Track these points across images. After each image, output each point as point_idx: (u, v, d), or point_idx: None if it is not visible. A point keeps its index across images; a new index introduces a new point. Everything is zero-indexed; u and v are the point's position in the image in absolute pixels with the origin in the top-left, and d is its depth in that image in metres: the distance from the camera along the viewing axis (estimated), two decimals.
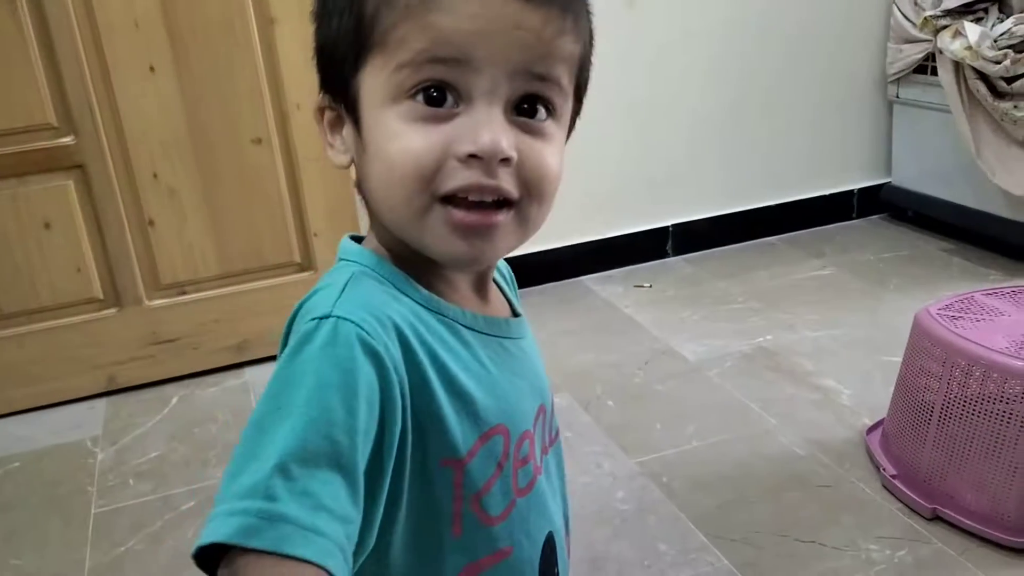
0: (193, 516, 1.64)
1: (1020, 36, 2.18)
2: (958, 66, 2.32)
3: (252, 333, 2.18)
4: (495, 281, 0.67)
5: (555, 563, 0.66)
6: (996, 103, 2.28)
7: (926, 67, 2.51)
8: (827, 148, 2.79)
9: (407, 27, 0.51)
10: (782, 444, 1.73)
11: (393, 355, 0.51)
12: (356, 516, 0.48)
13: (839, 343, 2.11)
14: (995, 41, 2.22)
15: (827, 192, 2.82)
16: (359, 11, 0.53)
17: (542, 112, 0.55)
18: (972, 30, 2.25)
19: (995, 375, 1.44)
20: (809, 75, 2.68)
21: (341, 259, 0.60)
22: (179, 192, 2.05)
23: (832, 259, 2.60)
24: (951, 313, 1.59)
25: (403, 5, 0.51)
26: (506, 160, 0.52)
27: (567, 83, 0.56)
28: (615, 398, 1.95)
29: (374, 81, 0.53)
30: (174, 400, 2.09)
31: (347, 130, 0.58)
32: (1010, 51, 2.20)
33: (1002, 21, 2.25)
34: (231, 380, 2.16)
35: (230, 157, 2.06)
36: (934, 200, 2.66)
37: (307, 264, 2.19)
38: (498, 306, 0.66)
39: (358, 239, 0.62)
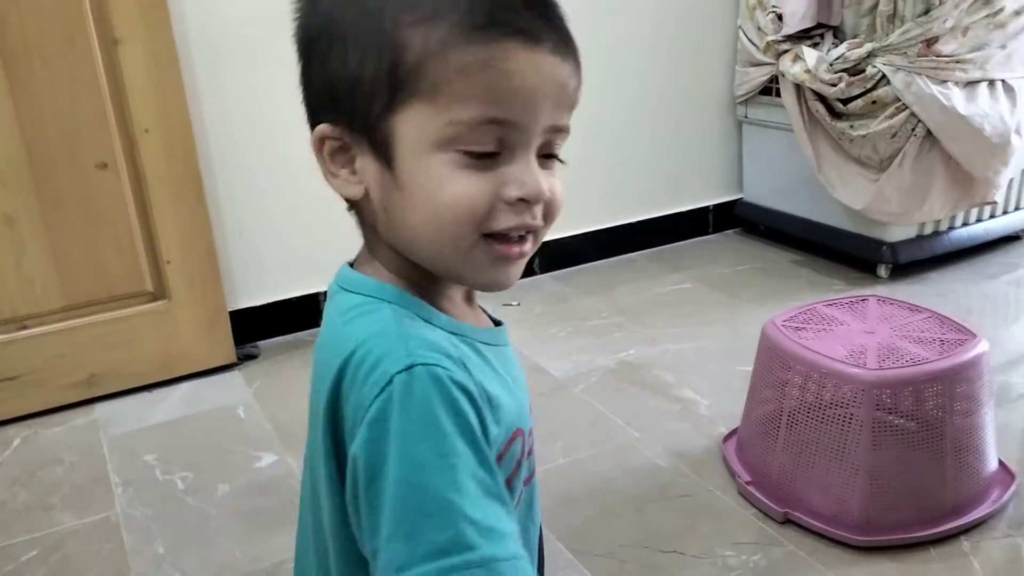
0: (34, 567, 1.53)
1: (853, 60, 2.33)
2: (799, 88, 2.46)
3: (102, 367, 2.07)
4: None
5: (543, 548, 0.73)
6: (834, 123, 2.42)
7: (771, 89, 2.65)
8: (685, 166, 2.90)
9: (463, 87, 0.54)
10: (645, 456, 1.78)
11: (471, 386, 0.56)
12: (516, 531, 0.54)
13: (698, 354, 2.19)
14: (831, 65, 2.36)
15: (686, 208, 2.93)
16: (396, 57, 0.55)
17: (556, 155, 0.62)
18: (810, 55, 2.39)
19: (834, 382, 1.53)
20: (667, 96, 2.78)
21: (359, 293, 0.62)
22: (16, 220, 1.93)
23: (691, 273, 2.70)
24: (795, 324, 1.67)
25: (458, 65, 0.54)
26: (545, 202, 0.59)
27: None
28: None
29: (417, 127, 0.56)
30: (16, 442, 1.95)
31: (365, 163, 0.59)
32: (845, 74, 2.35)
33: (837, 46, 2.40)
34: (79, 418, 2.03)
35: (73, 183, 1.95)
36: (783, 215, 2.80)
37: (160, 293, 2.10)
38: (484, 317, 0.71)
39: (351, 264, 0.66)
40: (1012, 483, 1.61)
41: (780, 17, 2.49)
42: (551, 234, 0.63)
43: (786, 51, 2.48)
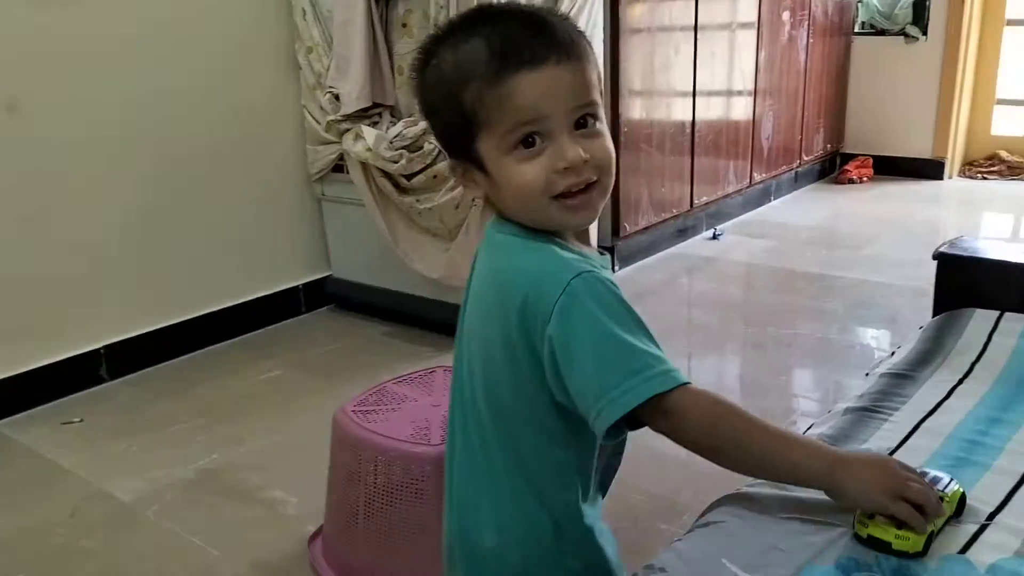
0: None
1: (411, 137, 2.42)
2: (365, 165, 2.49)
3: None
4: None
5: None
6: (402, 198, 2.49)
7: (343, 166, 2.66)
8: (266, 248, 2.79)
9: (498, 113, 0.81)
10: None
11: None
12: None
13: (288, 448, 2.07)
14: (391, 142, 2.42)
15: (272, 291, 2.82)
16: (459, 108, 0.83)
17: (591, 122, 0.84)
18: (369, 133, 2.44)
19: (403, 463, 1.50)
20: (237, 179, 2.67)
21: (518, 236, 0.87)
22: None
23: (283, 359, 2.58)
24: (365, 408, 1.63)
25: (490, 102, 0.81)
26: (585, 162, 0.82)
27: (598, 96, 0.85)
28: (33, 571, 1.65)
29: (488, 145, 0.83)
30: None
31: (476, 176, 0.87)
32: (405, 151, 2.42)
33: (395, 124, 2.47)
34: None
35: None
36: (372, 288, 2.82)
37: None
38: (593, 248, 0.94)
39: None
40: None
41: (338, 97, 2.51)
42: (118, 334, 0.49)
43: (348, 130, 2.50)
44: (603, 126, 0.86)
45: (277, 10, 2.69)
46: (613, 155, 0.86)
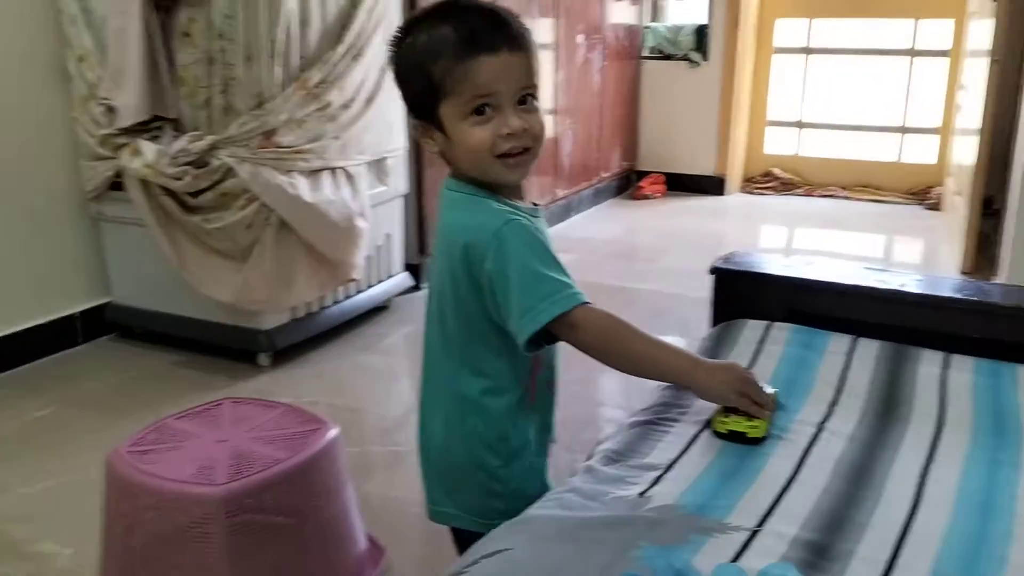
0: None
1: (196, 153, 2.28)
2: (146, 183, 2.32)
3: None
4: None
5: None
6: (188, 217, 2.34)
7: (122, 183, 2.46)
8: (34, 274, 2.54)
9: (461, 86, 1.04)
10: None
11: (533, 226, 1.09)
12: None
13: (61, 494, 1.88)
14: (174, 158, 2.27)
15: (42, 321, 2.57)
16: (429, 78, 1.05)
17: (530, 100, 1.07)
18: (149, 148, 2.27)
19: (185, 505, 1.39)
20: (3, 199, 2.41)
21: (462, 192, 1.11)
22: None
23: (56, 395, 2.35)
24: (141, 448, 1.50)
25: (455, 76, 1.03)
26: (524, 130, 1.06)
27: (536, 80, 1.08)
28: None
29: (449, 110, 1.05)
30: None
31: (436, 135, 1.09)
32: (190, 168, 2.28)
33: (178, 139, 2.32)
34: None
35: None
36: (159, 314, 2.63)
37: None
38: (527, 203, 1.15)
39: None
40: (381, 558, 1.65)
41: (112, 109, 2.33)
42: None
43: (124, 145, 2.32)
44: (539, 104, 1.09)
45: (43, 15, 2.46)
46: (545, 128, 1.09)
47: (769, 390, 1.14)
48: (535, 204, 1.18)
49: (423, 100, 1.06)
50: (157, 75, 2.30)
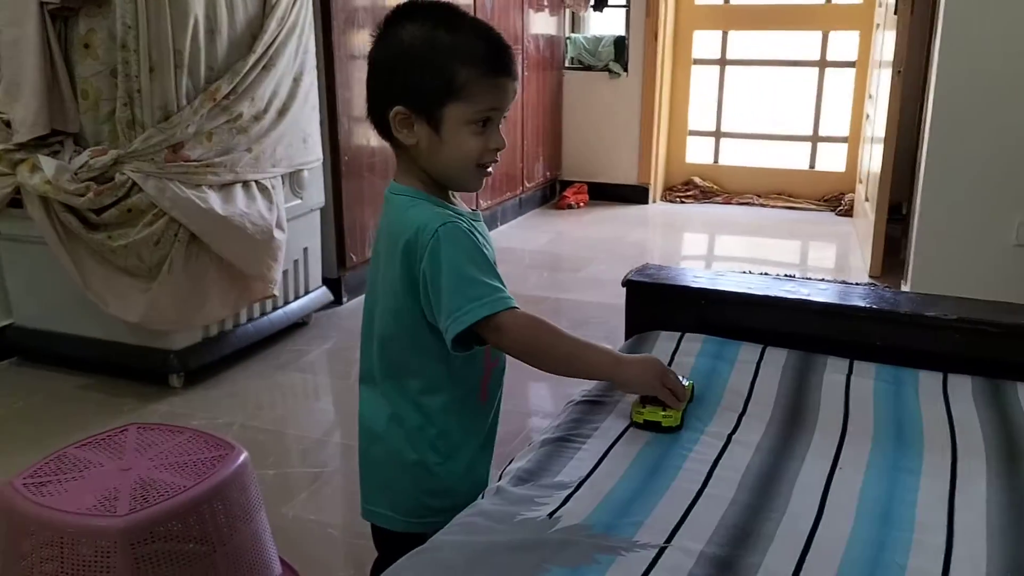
0: None
1: (99, 168, 2.19)
2: (46, 200, 2.22)
3: None
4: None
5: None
6: (92, 235, 2.25)
7: (21, 200, 2.35)
8: None
9: (482, 97, 1.10)
10: None
11: (471, 230, 1.14)
12: None
13: None
14: (75, 174, 2.18)
15: None
16: (450, 77, 1.09)
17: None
18: (48, 164, 2.18)
19: (85, 539, 1.33)
20: None
21: (405, 195, 1.16)
22: None
23: None
24: (39, 479, 1.43)
25: (481, 87, 1.10)
26: (502, 148, 1.15)
27: None
28: None
29: (457, 112, 1.10)
30: None
31: (420, 128, 1.12)
32: (92, 183, 2.19)
33: (79, 154, 2.23)
34: None
35: None
36: (64, 336, 2.52)
37: None
38: (466, 207, 1.22)
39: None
40: None
41: (9, 124, 2.23)
42: None
43: (22, 160, 2.22)
44: None
45: None
46: None
47: (685, 382, 1.20)
48: (474, 210, 1.24)
49: (431, 94, 1.10)
50: (56, 88, 2.21)
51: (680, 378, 1.19)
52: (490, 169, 1.15)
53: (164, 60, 2.19)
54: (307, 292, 2.92)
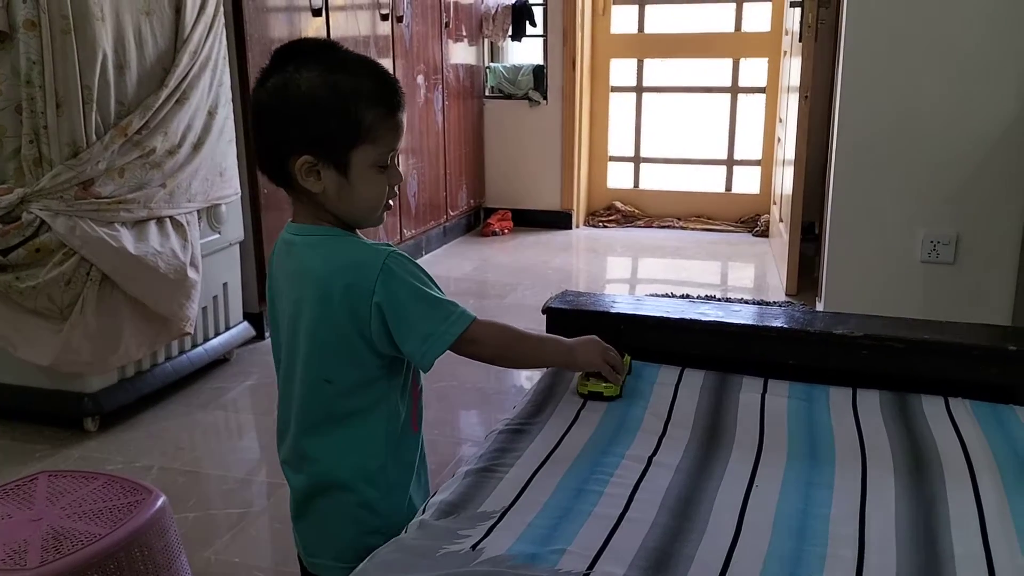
0: None
1: (5, 207, 2.12)
2: None
3: None
4: None
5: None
6: None
7: None
8: None
9: (386, 137, 1.12)
10: None
11: None
12: None
13: None
14: None
15: None
16: (358, 120, 1.09)
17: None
18: None
19: None
20: None
21: (318, 235, 1.15)
22: None
23: None
24: None
25: (384, 127, 1.11)
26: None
27: None
28: None
29: (365, 155, 1.11)
30: None
31: (328, 174, 1.11)
32: None
33: None
34: None
35: None
36: None
37: None
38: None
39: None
40: None
41: None
42: None
43: None
44: None
45: None
46: None
47: (623, 355, 1.37)
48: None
49: (337, 139, 1.09)
50: None
51: (621, 354, 1.35)
52: (391, 203, 1.17)
53: (71, 96, 2.14)
54: (228, 328, 2.86)
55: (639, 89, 5.04)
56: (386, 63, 3.84)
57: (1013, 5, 2.52)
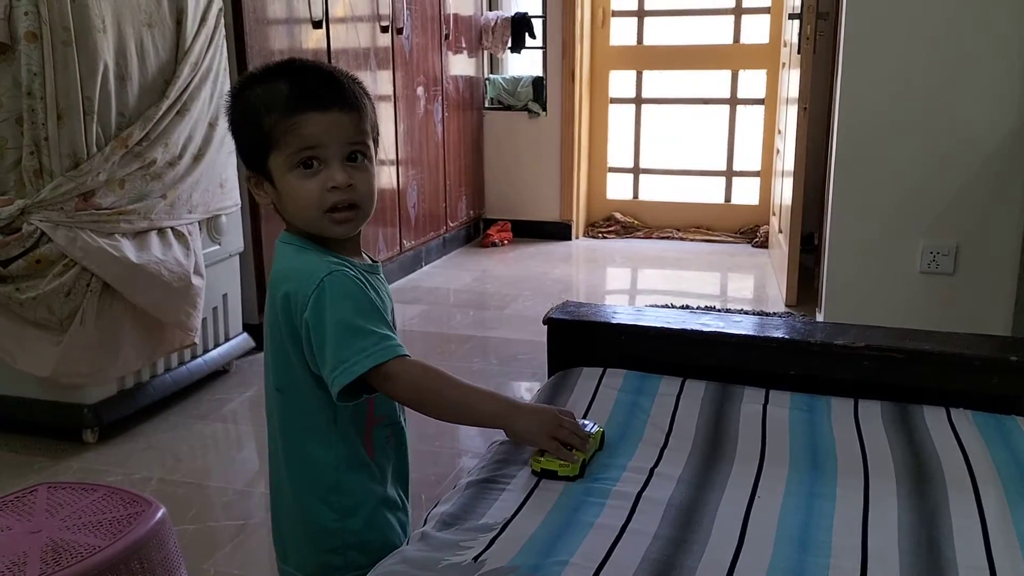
0: None
1: (5, 219, 2.12)
2: None
3: None
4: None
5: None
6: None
7: None
8: None
9: (288, 139, 1.08)
10: None
11: (360, 278, 1.11)
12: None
13: None
14: None
15: None
16: (259, 131, 1.09)
17: (360, 158, 1.12)
18: None
19: None
20: None
21: (293, 245, 1.14)
22: None
23: None
24: None
25: (283, 129, 1.08)
26: (349, 186, 1.09)
27: (370, 140, 1.13)
28: None
29: (277, 163, 1.10)
30: None
31: (266, 188, 1.13)
32: None
33: None
34: None
35: None
36: None
37: None
38: (364, 258, 1.20)
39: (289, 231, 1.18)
40: None
41: None
42: None
43: None
44: (371, 165, 1.13)
45: None
46: (374, 188, 1.13)
47: (592, 428, 1.19)
48: (374, 261, 1.21)
49: (254, 151, 1.11)
50: None
51: (590, 426, 1.19)
52: (342, 211, 1.09)
53: (72, 107, 2.14)
54: (227, 339, 2.86)
55: (638, 101, 5.05)
56: (386, 75, 3.86)
57: (1012, 19, 2.53)
